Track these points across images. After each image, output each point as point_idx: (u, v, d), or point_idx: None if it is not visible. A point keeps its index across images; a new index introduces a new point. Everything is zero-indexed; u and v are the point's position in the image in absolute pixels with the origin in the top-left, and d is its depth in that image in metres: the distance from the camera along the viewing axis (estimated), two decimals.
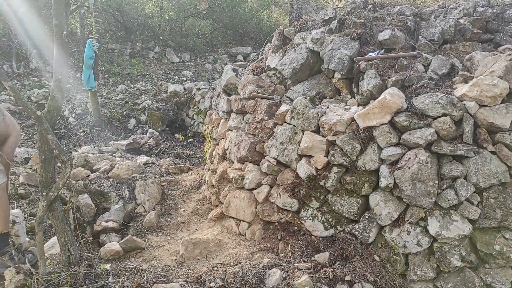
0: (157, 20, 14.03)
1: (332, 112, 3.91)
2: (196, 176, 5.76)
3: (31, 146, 6.99)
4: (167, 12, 14.32)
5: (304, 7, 14.79)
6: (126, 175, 5.22)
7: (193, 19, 15.30)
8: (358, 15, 4.77)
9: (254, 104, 4.51)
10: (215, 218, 4.63)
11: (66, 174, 3.18)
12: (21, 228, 3.90)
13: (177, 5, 14.47)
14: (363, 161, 3.58)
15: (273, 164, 4.15)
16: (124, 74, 11.61)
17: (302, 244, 3.79)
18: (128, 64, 12.31)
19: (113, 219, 4.56)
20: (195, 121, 9.35)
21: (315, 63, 4.86)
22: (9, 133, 3.62)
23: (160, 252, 4.13)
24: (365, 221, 3.64)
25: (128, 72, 11.71)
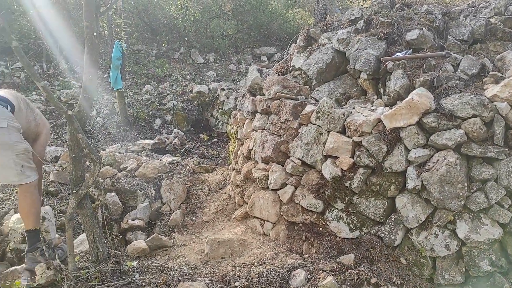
0: (182, 21, 14.17)
1: (358, 112, 3.88)
2: (221, 176, 5.80)
3: (61, 145, 7.18)
4: (192, 14, 14.45)
5: (329, 7, 14.68)
6: (152, 174, 5.29)
7: (217, 20, 15.40)
8: (385, 14, 4.71)
9: (279, 104, 4.51)
10: (239, 218, 4.65)
11: (95, 172, 3.25)
12: (51, 225, 4.01)
13: (202, 6, 14.59)
14: (390, 162, 3.53)
15: (297, 164, 4.14)
16: (150, 75, 11.78)
17: (326, 246, 3.77)
18: (154, 64, 12.48)
19: (139, 217, 4.64)
20: (219, 121, 9.41)
21: (340, 63, 4.83)
22: (40, 132, 3.73)
23: (185, 250, 4.18)
24: (392, 223, 3.59)
25: (154, 72, 11.88)
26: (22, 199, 3.46)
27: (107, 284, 3.19)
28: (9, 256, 3.83)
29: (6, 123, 3.21)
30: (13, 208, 4.43)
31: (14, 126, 3.27)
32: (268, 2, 15.47)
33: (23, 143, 3.34)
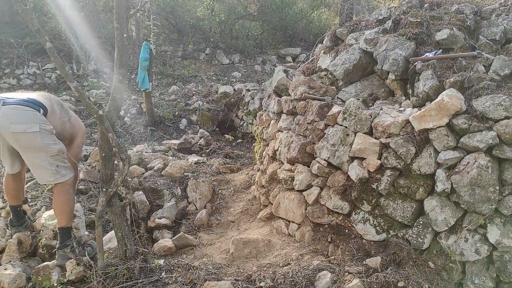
0: (208, 22, 14.30)
1: (385, 113, 3.83)
2: (246, 176, 5.82)
3: (90, 144, 7.34)
4: (218, 15, 14.56)
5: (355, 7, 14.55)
6: (178, 174, 5.35)
7: (243, 21, 15.47)
8: (414, 14, 4.64)
9: (305, 105, 4.50)
10: (264, 218, 4.66)
11: (124, 171, 3.32)
12: (80, 222, 4.11)
13: (228, 8, 14.68)
14: (418, 164, 3.47)
15: (323, 165, 4.11)
16: (176, 76, 11.93)
17: (352, 248, 3.73)
18: (180, 65, 12.63)
19: (166, 216, 4.70)
20: (244, 121, 9.44)
21: (368, 64, 4.78)
22: (75, 133, 3.82)
23: (211, 250, 4.21)
24: (420, 227, 3.53)
25: (180, 73, 12.03)
26: (57, 197, 3.56)
27: (135, 281, 3.25)
28: (41, 252, 3.94)
29: (39, 127, 3.30)
30: (44, 205, 4.56)
31: (46, 129, 3.35)
32: (293, 3, 15.44)
33: (56, 145, 3.43)
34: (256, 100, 9.10)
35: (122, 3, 3.34)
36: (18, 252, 3.85)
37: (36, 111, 3.33)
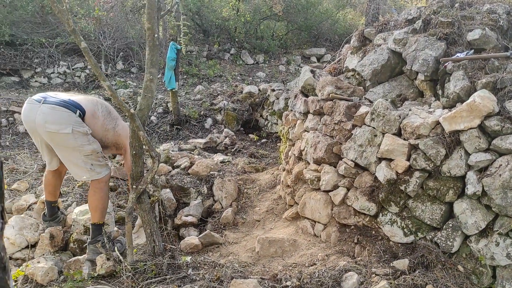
0: (233, 22, 14.38)
1: (415, 114, 3.79)
2: (271, 175, 5.84)
3: None
4: (243, 15, 14.62)
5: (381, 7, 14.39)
6: (204, 172, 5.41)
7: (268, 21, 15.49)
8: (445, 14, 4.57)
9: (332, 105, 4.49)
10: (290, 218, 4.66)
11: (154, 169, 3.39)
12: (110, 218, 4.20)
13: (253, 8, 14.73)
14: (448, 166, 3.42)
15: (350, 166, 4.09)
16: (202, 75, 12.04)
17: (379, 249, 3.71)
18: (205, 65, 12.74)
19: (192, 214, 4.76)
20: (268, 121, 9.46)
21: (396, 64, 4.73)
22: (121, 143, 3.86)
23: (236, 248, 4.24)
24: (449, 229, 3.48)
25: (205, 73, 12.14)
26: (92, 194, 3.68)
27: (163, 277, 3.31)
28: (72, 246, 4.05)
29: (71, 129, 3.41)
30: (75, 201, 4.68)
31: (79, 130, 3.46)
32: (319, 3, 15.38)
33: (90, 145, 3.54)
34: (281, 100, 9.10)
35: (153, 4, 3.41)
36: (50, 246, 3.97)
37: (72, 112, 3.44)
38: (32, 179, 5.31)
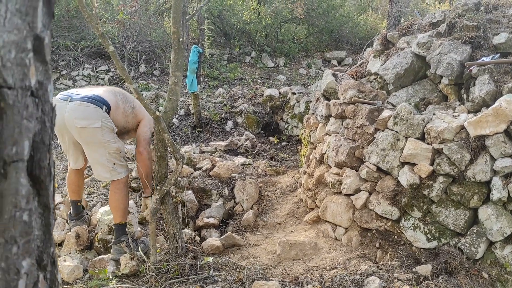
0: (254, 26, 14.45)
1: (439, 119, 3.75)
2: (292, 179, 5.85)
3: None
4: (264, 18, 14.68)
5: (404, 10, 14.26)
6: (226, 175, 5.46)
7: (288, 24, 15.52)
8: (470, 17, 4.52)
9: (354, 109, 4.48)
10: (310, 222, 4.67)
11: (178, 170, 3.44)
12: (134, 218, 4.28)
13: (274, 11, 14.78)
14: (473, 171, 3.38)
15: (372, 170, 4.08)
16: (222, 78, 12.14)
17: (402, 254, 3.68)
18: (226, 68, 12.84)
19: (213, 215, 4.81)
20: (289, 124, 9.47)
21: (420, 68, 4.70)
22: (139, 120, 4.00)
23: (257, 250, 4.27)
24: (473, 235, 3.43)
25: (226, 76, 12.22)
26: (112, 194, 3.75)
27: (185, 278, 3.36)
28: (97, 246, 4.14)
29: (100, 123, 3.49)
30: (100, 201, 4.78)
31: (107, 126, 3.54)
32: (340, 6, 15.33)
33: (115, 143, 3.61)
34: (301, 103, 9.10)
35: (179, 9, 3.47)
36: (76, 244, 4.06)
37: (99, 107, 3.53)
38: (58, 179, 5.44)
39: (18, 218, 0.58)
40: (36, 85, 0.59)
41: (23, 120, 0.56)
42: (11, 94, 0.53)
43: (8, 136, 0.54)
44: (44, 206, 0.67)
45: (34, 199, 0.64)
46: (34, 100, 0.59)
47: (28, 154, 0.60)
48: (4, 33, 0.51)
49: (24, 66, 0.55)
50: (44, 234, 0.69)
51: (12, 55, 0.53)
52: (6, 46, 0.51)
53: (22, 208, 0.59)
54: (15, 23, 0.53)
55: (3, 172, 0.55)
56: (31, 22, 0.55)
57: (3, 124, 0.53)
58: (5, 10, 0.51)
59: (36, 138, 0.61)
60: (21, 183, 0.58)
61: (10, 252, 0.57)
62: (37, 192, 0.64)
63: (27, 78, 0.56)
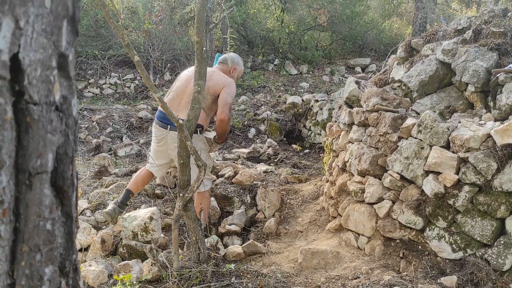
0: (278, 33, 14.50)
1: (464, 127, 3.69)
2: (314, 186, 5.82)
3: None
4: (288, 26, 14.72)
5: (429, 16, 14.07)
6: (248, 182, 5.48)
7: (312, 31, 15.51)
8: (496, 24, 4.43)
9: (377, 116, 4.44)
10: (333, 230, 4.63)
11: (200, 178, 3.48)
12: (157, 225, 4.35)
13: (297, 19, 14.80)
14: (500, 181, 3.31)
15: (396, 179, 4.03)
16: (246, 86, 12.21)
17: (426, 265, 3.62)
18: (249, 76, 12.91)
19: (235, 223, 4.83)
20: (311, 132, 9.44)
21: (445, 75, 4.63)
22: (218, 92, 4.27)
23: (279, 258, 4.26)
24: (500, 247, 3.35)
25: (249, 84, 12.29)
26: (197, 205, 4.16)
27: (207, 284, 3.38)
28: (121, 251, 4.21)
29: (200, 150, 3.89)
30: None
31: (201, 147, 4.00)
32: (364, 13, 15.25)
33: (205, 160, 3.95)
34: (324, 110, 9.07)
35: (202, 18, 3.53)
36: (101, 250, 4.15)
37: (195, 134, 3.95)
38: (85, 185, 5.57)
39: (41, 227, 0.61)
40: (60, 100, 0.63)
41: (48, 134, 0.59)
42: (36, 109, 0.57)
43: (33, 149, 0.57)
44: (67, 215, 0.70)
45: (58, 209, 0.67)
46: (58, 115, 0.62)
47: (52, 165, 0.63)
48: (30, 52, 0.55)
49: (49, 83, 0.58)
50: (67, 242, 0.72)
51: (38, 73, 0.56)
52: (32, 65, 0.55)
53: (45, 217, 0.62)
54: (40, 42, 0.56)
55: (28, 183, 0.58)
56: (56, 41, 0.59)
57: (29, 138, 0.57)
58: (31, 30, 0.54)
59: (60, 151, 0.64)
60: (45, 193, 0.61)
61: (34, 259, 0.60)
62: (60, 202, 0.67)
63: (51, 94, 0.59)
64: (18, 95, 0.56)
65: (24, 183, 0.59)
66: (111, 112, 9.66)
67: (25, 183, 0.58)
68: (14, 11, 0.51)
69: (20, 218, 0.59)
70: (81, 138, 8.25)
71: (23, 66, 0.55)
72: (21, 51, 0.54)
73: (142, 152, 7.74)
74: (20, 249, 0.59)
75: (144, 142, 8.29)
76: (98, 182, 5.71)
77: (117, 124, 9.07)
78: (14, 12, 0.51)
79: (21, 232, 0.59)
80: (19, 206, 0.59)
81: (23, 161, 0.58)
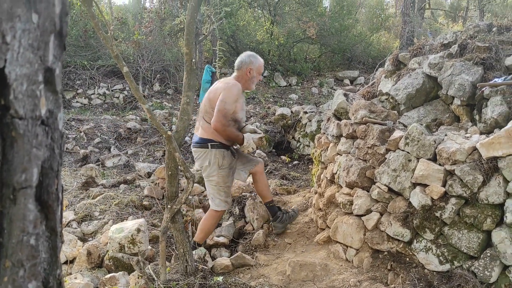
0: (267, 45, 14.63)
1: (450, 140, 3.73)
2: (302, 198, 5.83)
3: (153, 162, 7.68)
4: (277, 38, 14.85)
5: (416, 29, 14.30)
6: (236, 193, 5.47)
7: (301, 44, 15.66)
8: (482, 38, 4.53)
9: (365, 129, 4.48)
10: (321, 242, 4.63)
11: (188, 189, 3.46)
12: (144, 236, 4.30)
13: (286, 31, 14.94)
14: (486, 193, 3.34)
15: (384, 191, 4.05)
16: None
17: (414, 277, 3.62)
18: None
19: (223, 234, 4.81)
20: (300, 143, 9.48)
21: (431, 88, 4.70)
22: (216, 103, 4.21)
23: (267, 270, 4.24)
24: (487, 259, 3.37)
25: None
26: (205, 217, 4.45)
27: None
28: (107, 264, 4.16)
29: (208, 162, 4.18)
30: (111, 219, 4.82)
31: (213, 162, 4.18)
32: (352, 26, 15.45)
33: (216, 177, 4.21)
34: (313, 122, 9.12)
35: (192, 30, 3.54)
36: (87, 262, 4.09)
37: (204, 148, 4.18)
38: (71, 196, 5.51)
39: (25, 242, 0.61)
40: (46, 114, 0.62)
41: (33, 149, 0.59)
42: (22, 124, 0.56)
43: (18, 164, 0.57)
44: (51, 230, 0.70)
45: (42, 224, 0.66)
46: (44, 129, 0.62)
47: (37, 180, 0.62)
48: (16, 67, 0.55)
49: (35, 97, 0.58)
50: (51, 257, 0.71)
51: (24, 88, 0.56)
52: (18, 79, 0.55)
53: (29, 232, 0.61)
54: (27, 57, 0.56)
55: (12, 198, 0.58)
56: (42, 56, 0.59)
57: (14, 152, 0.56)
58: (18, 45, 0.54)
59: (45, 165, 0.63)
60: (29, 208, 0.61)
61: (17, 275, 0.60)
62: (44, 217, 0.67)
63: (37, 108, 0.59)
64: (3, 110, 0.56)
65: (8, 197, 0.58)
66: (99, 122, 9.60)
67: (9, 198, 0.58)
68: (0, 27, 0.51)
69: (4, 233, 0.58)
70: (69, 149, 8.17)
71: (9, 81, 0.55)
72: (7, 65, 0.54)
73: (130, 163, 7.68)
74: (3, 264, 0.58)
75: (132, 153, 8.24)
76: (85, 193, 5.65)
77: (105, 134, 9.01)
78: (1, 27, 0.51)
79: (4, 247, 0.59)
80: (2, 221, 0.58)
81: (7, 176, 0.57)
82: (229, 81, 4.33)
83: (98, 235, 4.72)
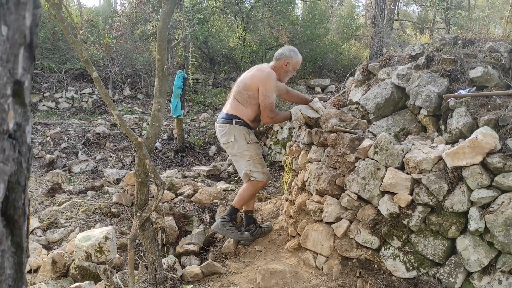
0: (240, 52, 14.65)
1: (417, 149, 3.83)
2: (274, 205, 5.85)
3: (122, 168, 7.54)
4: (250, 45, 14.90)
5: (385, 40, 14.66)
6: (207, 201, 5.43)
7: (273, 51, 15.75)
8: (447, 51, 4.68)
9: (336, 137, 4.54)
10: (291, 249, 4.65)
11: (158, 197, 3.42)
12: (112, 245, 4.21)
13: (259, 39, 15.03)
14: (451, 202, 3.44)
15: (353, 199, 4.12)
16: (207, 103, 12.20)
17: (382, 284, 3.69)
18: (211, 93, 12.92)
19: (194, 242, 4.76)
20: (272, 150, 9.51)
21: (400, 98, 4.81)
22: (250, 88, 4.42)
23: (238, 278, 4.22)
24: (451, 266, 3.47)
25: (211, 101, 12.29)
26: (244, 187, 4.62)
27: None
28: (73, 273, 4.05)
29: (233, 137, 4.28)
30: (78, 227, 4.70)
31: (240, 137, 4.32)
32: (324, 35, 15.68)
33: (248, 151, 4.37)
34: (285, 129, 9.18)
35: (164, 37, 3.52)
36: (52, 271, 3.97)
37: (229, 124, 4.26)
38: (36, 203, 5.34)
39: None
40: (14, 127, 0.61)
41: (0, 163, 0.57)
42: None
43: None
44: (17, 245, 0.67)
45: (7, 239, 0.64)
46: (11, 142, 0.60)
47: (3, 195, 0.60)
48: None
49: (2, 111, 0.56)
50: (16, 273, 0.69)
51: None
52: None
53: None
54: None
55: None
56: (12, 69, 0.57)
57: None
58: None
59: (12, 179, 0.61)
60: None
61: None
62: (10, 232, 0.65)
63: (5, 122, 0.57)
64: None
65: None
66: (66, 127, 9.36)
67: None
68: None
69: None
70: (34, 154, 7.93)
71: None
72: None
73: (98, 168, 7.52)
74: None
75: (101, 159, 8.08)
76: (50, 200, 5.49)
77: (73, 139, 8.80)
78: None
79: None
80: None
81: None
82: (264, 68, 4.51)
83: (64, 243, 4.58)
